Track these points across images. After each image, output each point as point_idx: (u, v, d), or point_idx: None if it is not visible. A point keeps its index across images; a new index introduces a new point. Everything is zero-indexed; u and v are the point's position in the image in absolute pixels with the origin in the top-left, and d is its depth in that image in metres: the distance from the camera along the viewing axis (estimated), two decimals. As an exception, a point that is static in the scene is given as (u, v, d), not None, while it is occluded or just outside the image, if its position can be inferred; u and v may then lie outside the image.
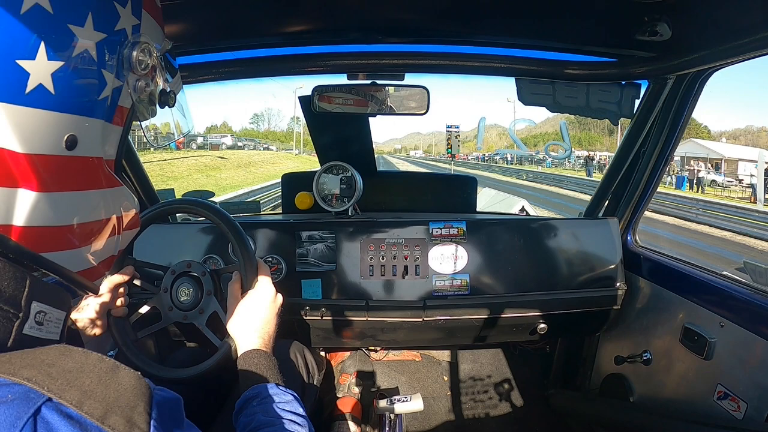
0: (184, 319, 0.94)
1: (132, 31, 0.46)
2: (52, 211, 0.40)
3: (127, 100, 0.48)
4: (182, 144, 30.23)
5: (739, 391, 1.00)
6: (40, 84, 0.37)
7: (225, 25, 1.15)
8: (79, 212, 0.43)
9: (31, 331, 0.38)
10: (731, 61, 1.06)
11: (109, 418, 0.32)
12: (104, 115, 0.45)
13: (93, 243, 0.46)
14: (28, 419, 0.29)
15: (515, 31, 1.21)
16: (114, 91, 0.45)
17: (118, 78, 0.45)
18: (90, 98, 0.42)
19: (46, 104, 0.38)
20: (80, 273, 0.45)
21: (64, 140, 0.40)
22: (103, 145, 0.46)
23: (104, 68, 0.43)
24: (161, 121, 0.62)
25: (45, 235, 0.40)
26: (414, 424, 1.74)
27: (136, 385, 0.35)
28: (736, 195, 21.02)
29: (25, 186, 0.38)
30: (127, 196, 0.51)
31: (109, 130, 0.46)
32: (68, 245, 0.43)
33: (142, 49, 0.47)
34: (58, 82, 0.38)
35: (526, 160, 42.53)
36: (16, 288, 0.38)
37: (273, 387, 0.69)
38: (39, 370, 0.33)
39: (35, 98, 0.37)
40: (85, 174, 0.44)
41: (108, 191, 0.47)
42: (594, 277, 1.41)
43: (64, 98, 0.39)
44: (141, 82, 0.49)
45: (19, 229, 0.38)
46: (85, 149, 0.43)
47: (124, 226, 0.51)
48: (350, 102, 1.36)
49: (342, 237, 1.39)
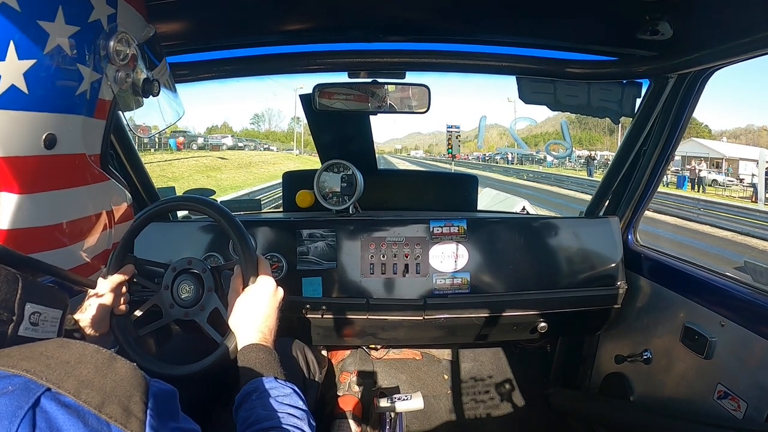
0: (186, 316, 0.94)
1: (108, 21, 0.45)
2: (37, 212, 0.39)
3: (108, 93, 0.47)
4: (182, 145, 30.24)
5: (739, 390, 1.00)
6: (12, 85, 0.36)
7: (226, 23, 1.15)
8: (65, 210, 0.42)
9: (27, 332, 0.38)
10: (732, 61, 1.06)
11: (107, 407, 0.33)
12: (84, 111, 0.44)
13: (84, 239, 0.45)
14: (28, 410, 0.30)
15: (516, 30, 1.21)
16: (92, 84, 0.44)
17: (96, 71, 0.44)
18: (67, 95, 0.41)
19: (20, 105, 0.37)
20: (74, 270, 0.45)
21: (43, 140, 0.39)
22: (85, 141, 0.44)
23: (80, 62, 0.42)
24: (148, 112, 0.60)
25: (32, 236, 0.39)
26: (414, 423, 1.74)
27: (133, 375, 0.36)
28: (738, 194, 21.00)
29: (6, 189, 0.37)
30: (115, 190, 0.50)
31: (90, 125, 0.45)
32: (57, 244, 0.42)
33: (119, 39, 0.45)
34: (31, 81, 0.37)
35: (526, 160, 42.55)
36: (9, 291, 0.37)
37: (271, 381, 0.70)
38: (38, 362, 0.33)
39: (8, 100, 0.36)
40: (67, 172, 0.43)
41: (94, 187, 0.46)
42: (594, 276, 1.41)
43: (38, 97, 0.38)
44: (121, 73, 0.47)
45: (4, 232, 0.38)
46: (65, 147, 0.41)
47: (115, 220, 0.50)
48: (351, 98, 1.36)
49: (343, 235, 1.39)
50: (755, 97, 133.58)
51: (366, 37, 1.23)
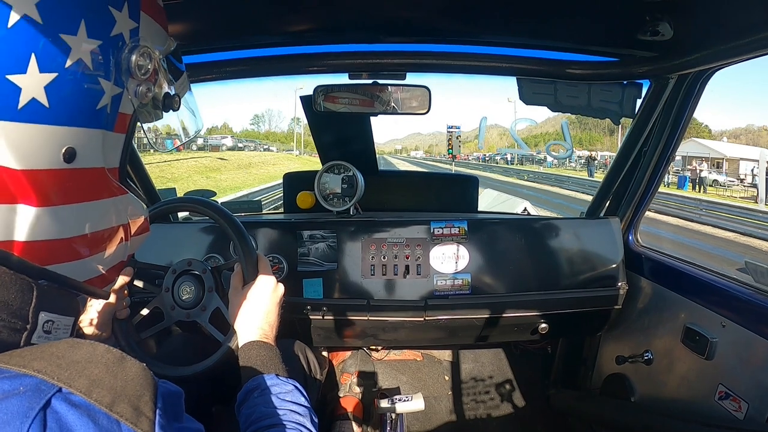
0: (187, 317, 0.94)
1: (130, 35, 0.44)
2: (55, 225, 0.39)
3: (129, 107, 0.46)
4: (182, 145, 30.20)
5: (740, 391, 1.00)
6: (33, 98, 0.35)
7: (226, 24, 1.15)
8: (82, 224, 0.42)
9: (39, 340, 0.38)
10: (733, 61, 1.05)
11: (117, 406, 0.33)
12: (104, 125, 0.43)
13: (100, 252, 0.45)
14: (39, 410, 0.30)
15: (517, 31, 1.21)
16: (113, 98, 0.43)
17: (117, 85, 0.43)
18: (87, 108, 0.41)
19: (40, 118, 0.36)
20: (88, 282, 0.45)
21: (62, 153, 0.39)
22: (105, 155, 0.44)
23: (101, 76, 0.41)
24: (167, 123, 0.60)
25: (49, 248, 0.39)
26: (415, 424, 1.74)
27: (143, 375, 0.36)
28: (739, 195, 20.98)
29: (25, 202, 0.37)
30: (133, 203, 0.49)
31: (110, 139, 0.44)
32: (74, 256, 0.42)
33: (141, 53, 0.45)
34: (52, 94, 0.37)
35: (527, 161, 42.60)
36: (23, 300, 0.37)
37: (273, 378, 0.70)
38: (49, 362, 0.33)
39: (29, 113, 0.35)
40: (86, 186, 0.42)
41: (112, 200, 0.46)
42: (595, 277, 1.41)
43: (59, 111, 0.38)
44: (142, 88, 0.47)
45: (21, 244, 0.37)
46: (85, 161, 0.41)
47: (132, 233, 0.50)
48: (356, 102, 1.36)
49: (343, 236, 1.39)
50: (755, 97, 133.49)
51: (366, 38, 1.23)
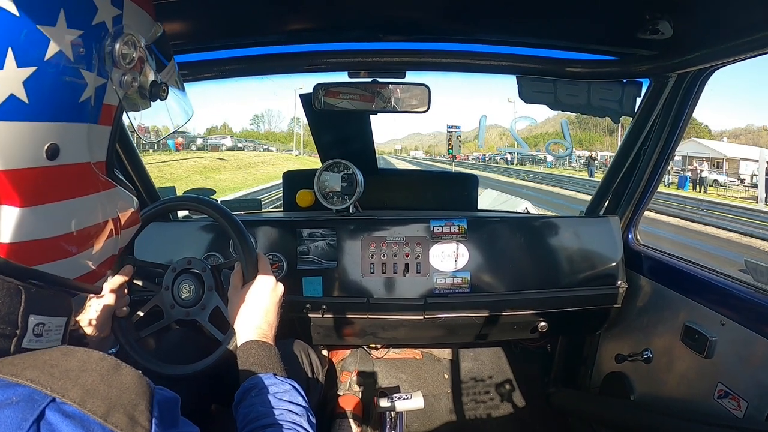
0: (187, 315, 0.94)
1: (113, 23, 0.42)
2: (40, 224, 0.38)
3: (114, 98, 0.44)
4: (181, 145, 30.23)
5: (739, 389, 1.00)
6: (11, 94, 0.34)
7: (225, 22, 1.15)
8: (69, 221, 0.40)
9: (30, 344, 0.37)
10: (732, 60, 1.05)
11: (112, 416, 0.32)
12: (88, 118, 0.41)
13: (90, 248, 0.44)
14: (33, 422, 0.29)
15: (516, 30, 1.21)
16: (97, 90, 0.41)
17: (101, 76, 0.41)
18: (70, 102, 0.39)
19: (19, 115, 0.35)
20: (79, 278, 0.43)
21: (45, 150, 0.37)
22: (90, 149, 0.42)
23: (83, 68, 0.39)
24: (155, 114, 0.57)
25: (35, 248, 0.38)
26: (415, 422, 1.74)
27: (138, 383, 0.35)
28: (739, 195, 20.98)
29: (7, 203, 0.35)
30: (122, 196, 0.48)
31: (95, 132, 0.43)
32: (62, 254, 0.41)
33: (125, 41, 0.43)
34: (32, 89, 0.35)
35: (527, 160, 42.60)
36: (12, 305, 0.36)
37: (270, 377, 0.69)
38: (42, 371, 0.32)
39: (7, 110, 0.34)
40: (72, 182, 0.41)
41: (99, 195, 0.44)
42: (595, 275, 1.41)
43: (39, 106, 0.36)
44: (127, 77, 0.44)
45: (5, 246, 0.36)
46: (69, 157, 0.39)
47: (122, 226, 0.48)
48: (356, 98, 1.36)
49: (343, 235, 1.39)
50: (755, 97, 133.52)
51: (366, 36, 1.23)
